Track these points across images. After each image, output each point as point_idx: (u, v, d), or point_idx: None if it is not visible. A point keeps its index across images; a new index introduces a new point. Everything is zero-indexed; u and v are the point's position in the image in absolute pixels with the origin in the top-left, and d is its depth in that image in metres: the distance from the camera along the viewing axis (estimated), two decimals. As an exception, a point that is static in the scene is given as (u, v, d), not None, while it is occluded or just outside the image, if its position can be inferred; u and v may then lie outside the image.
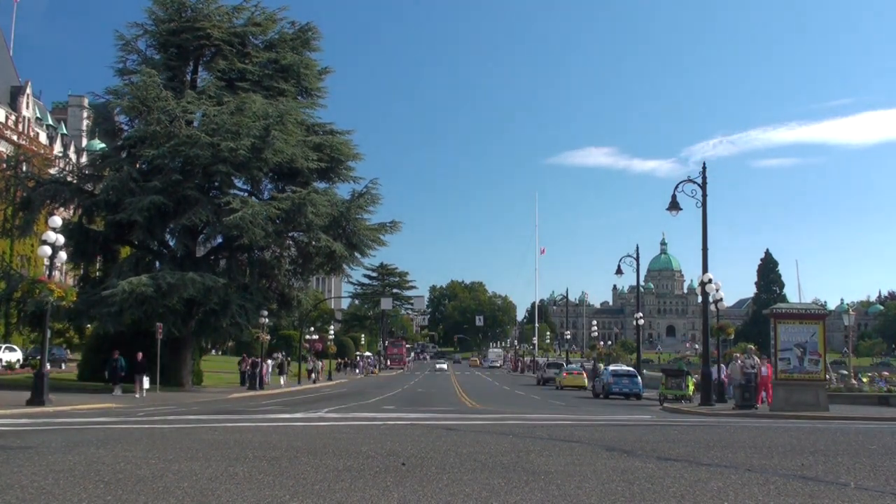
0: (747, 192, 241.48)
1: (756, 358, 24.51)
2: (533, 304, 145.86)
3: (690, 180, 25.23)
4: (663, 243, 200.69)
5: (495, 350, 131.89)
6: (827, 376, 22.84)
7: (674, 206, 25.94)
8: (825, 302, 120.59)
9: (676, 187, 25.60)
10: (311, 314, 62.97)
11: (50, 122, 67.52)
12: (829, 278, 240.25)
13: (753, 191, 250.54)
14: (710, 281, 25.21)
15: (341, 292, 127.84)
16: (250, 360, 42.08)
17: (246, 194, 34.52)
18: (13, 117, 57.94)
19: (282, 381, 43.04)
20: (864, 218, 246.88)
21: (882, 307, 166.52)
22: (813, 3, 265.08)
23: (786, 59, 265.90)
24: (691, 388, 29.73)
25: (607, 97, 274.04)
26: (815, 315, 21.06)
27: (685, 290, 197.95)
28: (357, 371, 60.60)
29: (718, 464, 4.85)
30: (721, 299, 26.95)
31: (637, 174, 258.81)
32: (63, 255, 21.99)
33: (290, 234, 35.53)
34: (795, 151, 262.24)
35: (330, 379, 60.42)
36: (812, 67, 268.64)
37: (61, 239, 20.84)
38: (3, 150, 50.84)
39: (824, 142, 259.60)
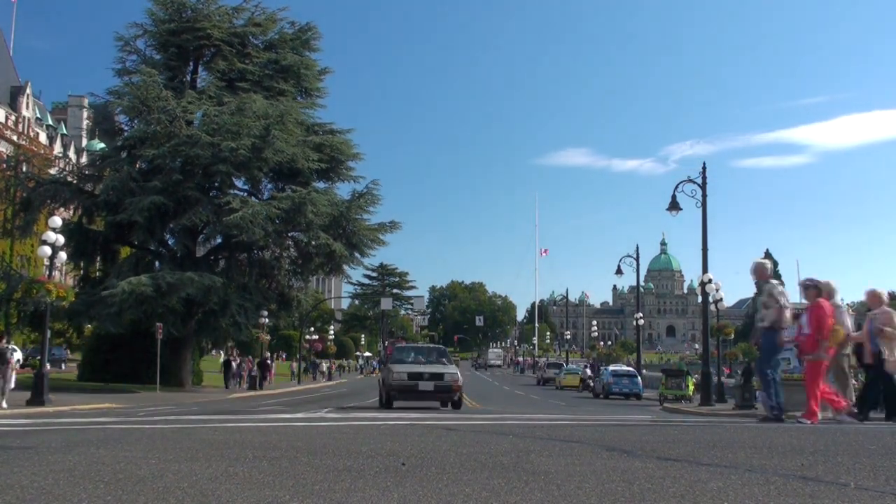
0: (735, 191, 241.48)
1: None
2: (533, 304, 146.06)
3: (690, 180, 25.24)
4: (663, 243, 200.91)
5: (495, 350, 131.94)
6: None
7: (674, 206, 25.96)
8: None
9: (676, 187, 25.63)
10: (311, 314, 62.99)
11: (50, 122, 67.56)
12: (829, 278, 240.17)
13: (739, 190, 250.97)
14: (710, 281, 25.23)
15: (341, 292, 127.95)
16: (257, 360, 42.42)
17: (246, 194, 34.55)
18: (13, 117, 57.95)
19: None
20: (863, 218, 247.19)
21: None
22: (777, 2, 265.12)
23: (754, 56, 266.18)
24: (691, 388, 29.76)
25: (577, 98, 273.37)
26: (815, 315, 21.06)
27: (685, 290, 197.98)
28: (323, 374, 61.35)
29: (718, 464, 4.85)
30: (721, 299, 26.98)
31: (620, 173, 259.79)
32: (63, 255, 22.01)
33: (289, 234, 35.55)
34: (773, 150, 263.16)
35: (330, 379, 60.51)
36: (781, 66, 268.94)
37: (61, 239, 20.86)
38: (3, 150, 50.86)
39: (797, 142, 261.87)
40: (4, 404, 18.22)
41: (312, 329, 78.29)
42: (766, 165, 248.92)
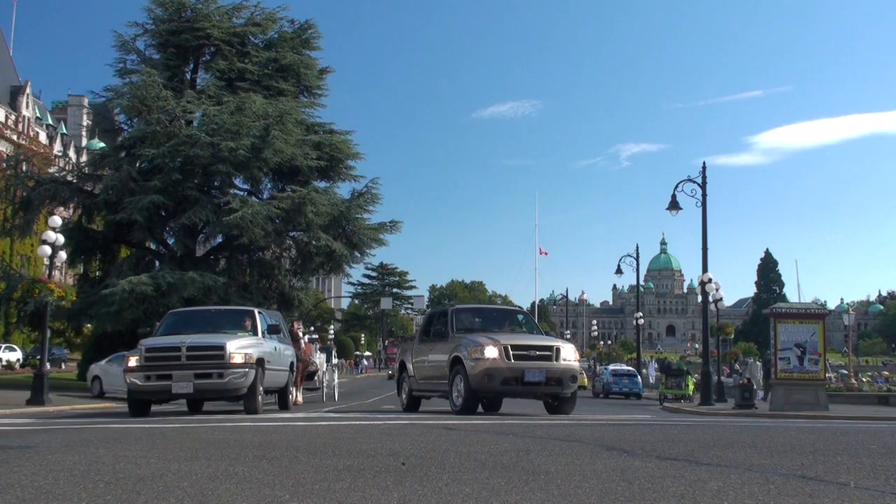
0: (724, 189, 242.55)
1: None
2: (533, 304, 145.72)
3: (690, 180, 25.25)
4: (663, 243, 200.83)
5: None
6: (827, 376, 22.87)
7: (673, 205, 25.95)
8: (825, 301, 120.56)
9: (676, 187, 25.62)
10: (310, 314, 62.97)
11: (50, 121, 67.53)
12: (829, 278, 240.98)
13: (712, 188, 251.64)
14: (710, 280, 25.23)
15: (341, 292, 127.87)
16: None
17: (246, 194, 34.50)
18: (13, 117, 57.93)
19: None
20: (864, 217, 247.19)
21: (882, 307, 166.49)
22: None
23: (681, 52, 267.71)
24: (691, 387, 29.76)
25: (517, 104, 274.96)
26: (815, 315, 21.09)
27: (685, 290, 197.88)
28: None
29: (718, 463, 4.85)
30: (721, 299, 27.01)
31: (578, 170, 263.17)
32: (63, 254, 22.01)
33: (290, 234, 35.53)
34: (724, 149, 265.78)
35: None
36: (713, 62, 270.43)
37: (61, 238, 20.86)
38: (3, 149, 50.84)
39: (743, 141, 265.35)
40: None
41: (312, 329, 78.29)
42: (721, 163, 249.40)
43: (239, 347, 12.85)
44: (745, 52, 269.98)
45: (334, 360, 22.52)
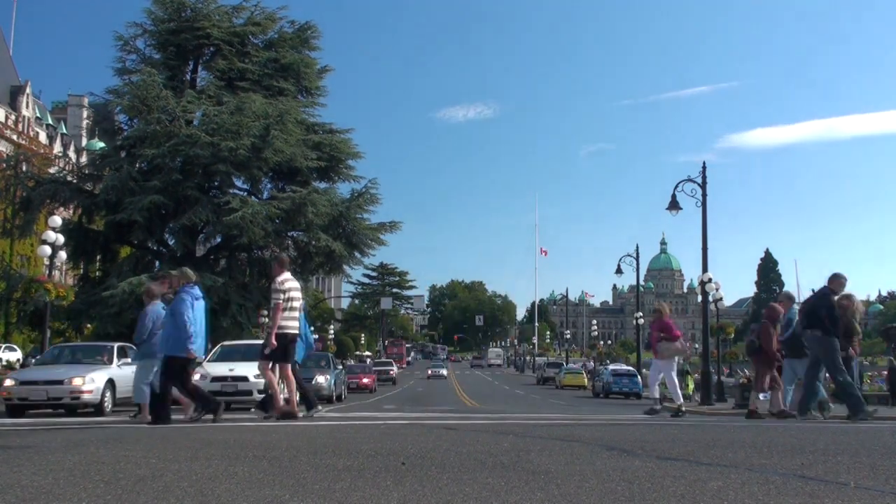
0: (724, 188, 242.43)
1: None
2: (533, 304, 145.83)
3: (690, 180, 25.25)
4: (663, 243, 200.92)
5: (495, 349, 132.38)
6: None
7: (673, 205, 25.95)
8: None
9: (676, 186, 25.62)
10: (310, 314, 62.98)
11: (50, 121, 67.55)
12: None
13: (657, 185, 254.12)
14: (710, 280, 25.25)
15: (341, 292, 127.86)
16: None
17: (245, 194, 34.50)
18: (13, 117, 57.95)
19: None
20: (864, 217, 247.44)
21: (882, 307, 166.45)
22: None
23: (624, 48, 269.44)
24: (691, 387, 29.77)
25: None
26: (815, 314, 21.03)
27: (685, 290, 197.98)
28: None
29: (718, 463, 4.85)
30: (721, 299, 27.03)
31: (554, 168, 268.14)
32: (63, 254, 22.04)
33: (289, 234, 35.54)
34: (679, 148, 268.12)
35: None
36: (657, 58, 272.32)
37: (61, 239, 20.89)
38: (3, 149, 50.87)
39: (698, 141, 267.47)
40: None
41: (312, 329, 78.39)
42: (684, 161, 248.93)
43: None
44: (692, 50, 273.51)
45: None
